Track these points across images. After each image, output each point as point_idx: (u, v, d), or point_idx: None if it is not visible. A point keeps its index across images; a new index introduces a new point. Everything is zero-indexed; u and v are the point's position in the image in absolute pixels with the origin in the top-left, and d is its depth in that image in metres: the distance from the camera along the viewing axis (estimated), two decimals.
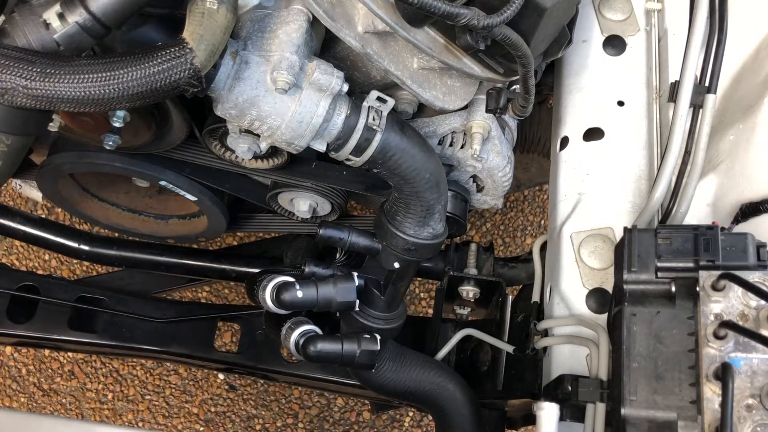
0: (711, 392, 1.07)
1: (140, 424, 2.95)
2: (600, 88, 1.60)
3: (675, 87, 1.44)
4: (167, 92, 1.12)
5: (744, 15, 1.52)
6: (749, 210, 1.36)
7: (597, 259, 1.45)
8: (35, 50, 1.11)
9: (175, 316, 1.94)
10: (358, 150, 1.33)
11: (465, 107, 1.53)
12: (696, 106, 1.42)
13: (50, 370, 2.97)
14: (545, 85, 1.77)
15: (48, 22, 1.10)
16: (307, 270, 1.48)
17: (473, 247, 1.80)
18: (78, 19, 1.08)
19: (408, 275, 1.50)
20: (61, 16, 1.09)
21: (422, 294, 3.05)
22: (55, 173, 1.74)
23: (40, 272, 2.93)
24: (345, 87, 1.31)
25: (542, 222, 3.12)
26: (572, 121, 1.59)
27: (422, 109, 1.57)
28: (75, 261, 2.95)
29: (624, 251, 1.23)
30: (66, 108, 1.10)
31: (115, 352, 2.13)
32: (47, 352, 2.96)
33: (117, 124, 1.39)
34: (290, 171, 1.60)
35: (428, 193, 1.37)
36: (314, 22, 1.32)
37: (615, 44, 1.63)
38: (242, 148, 1.44)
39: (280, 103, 1.27)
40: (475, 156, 1.51)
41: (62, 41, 1.10)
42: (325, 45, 1.42)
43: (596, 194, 1.51)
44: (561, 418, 1.30)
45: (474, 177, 1.62)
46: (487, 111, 1.40)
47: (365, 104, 1.32)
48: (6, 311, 1.90)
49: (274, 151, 1.54)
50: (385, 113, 1.33)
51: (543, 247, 1.63)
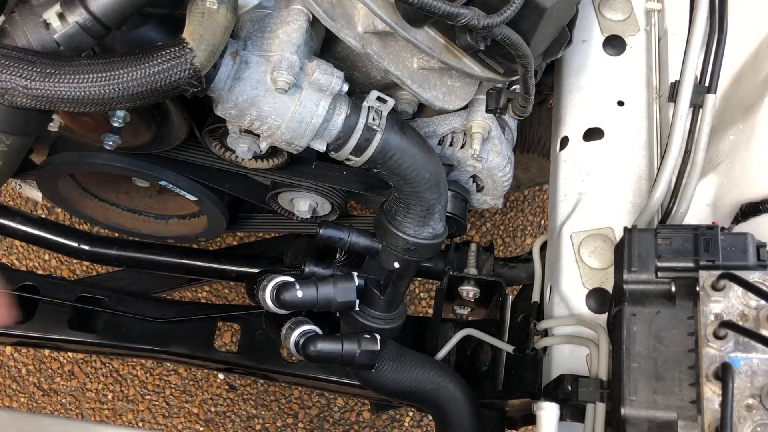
0: (711, 392, 1.07)
1: (140, 424, 2.94)
2: (600, 88, 1.60)
3: (675, 87, 1.44)
4: (167, 92, 1.12)
5: (744, 15, 1.52)
6: (749, 210, 1.36)
7: (597, 259, 1.45)
8: (35, 50, 1.10)
9: (175, 316, 1.94)
10: (358, 150, 1.33)
11: (465, 107, 1.53)
12: (696, 106, 1.42)
13: (50, 370, 2.97)
14: (545, 85, 1.76)
15: (48, 22, 1.09)
16: (307, 270, 1.48)
17: (473, 247, 1.80)
18: (78, 19, 1.08)
19: (408, 275, 1.50)
20: (61, 16, 1.09)
21: (422, 294, 3.05)
22: (55, 173, 1.74)
23: (40, 272, 2.93)
24: (345, 87, 1.31)
25: (542, 222, 3.12)
26: (572, 121, 1.59)
27: (422, 109, 1.57)
28: (75, 261, 2.95)
29: (624, 251, 1.23)
30: (66, 108, 1.10)
31: (115, 352, 2.13)
32: (47, 352, 2.96)
33: (117, 124, 1.39)
34: (290, 171, 1.60)
35: (428, 193, 1.37)
36: (314, 22, 1.32)
37: (615, 44, 1.63)
38: (242, 148, 1.44)
39: (280, 103, 1.27)
40: (475, 156, 1.51)
41: (62, 41, 1.10)
42: (325, 45, 1.42)
43: (596, 194, 1.51)
44: (561, 418, 1.30)
45: (474, 177, 1.62)
46: (487, 111, 1.40)
47: (365, 104, 1.32)
48: None
49: (274, 151, 1.54)
50: (385, 113, 1.33)
51: (543, 247, 1.63)
